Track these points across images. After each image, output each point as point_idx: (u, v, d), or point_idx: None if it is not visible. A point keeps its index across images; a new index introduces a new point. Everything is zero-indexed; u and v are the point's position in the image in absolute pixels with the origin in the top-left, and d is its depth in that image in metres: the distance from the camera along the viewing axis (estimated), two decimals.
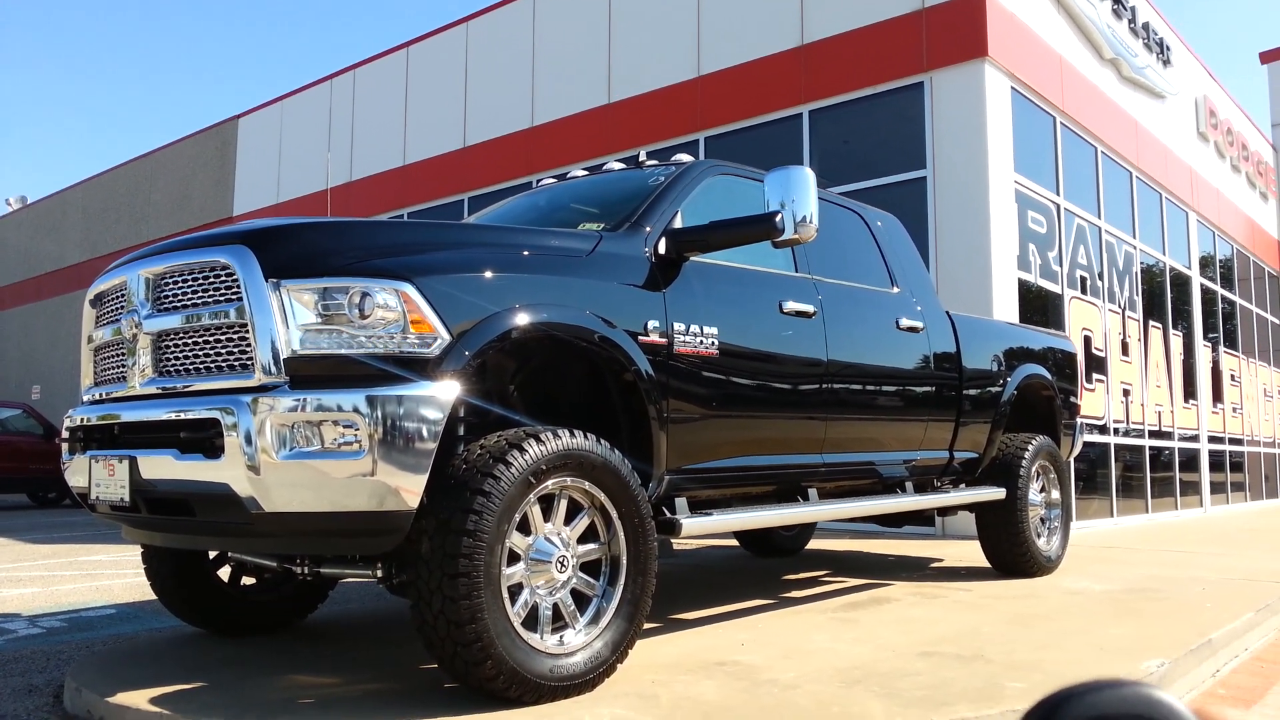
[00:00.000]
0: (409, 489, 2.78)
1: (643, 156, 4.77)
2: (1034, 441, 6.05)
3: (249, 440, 2.73)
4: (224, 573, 4.14)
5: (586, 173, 5.03)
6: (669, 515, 3.64)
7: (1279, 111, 19.22)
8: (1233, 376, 15.64)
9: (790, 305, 4.29)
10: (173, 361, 3.10)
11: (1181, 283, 13.91)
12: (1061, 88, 10.42)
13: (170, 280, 3.15)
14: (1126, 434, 11.62)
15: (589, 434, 3.14)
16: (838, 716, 2.85)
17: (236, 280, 2.92)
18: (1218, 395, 14.87)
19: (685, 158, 4.49)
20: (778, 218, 3.76)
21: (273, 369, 2.81)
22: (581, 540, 3.18)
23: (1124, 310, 11.92)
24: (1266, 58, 19.91)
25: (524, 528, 2.99)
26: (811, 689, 3.16)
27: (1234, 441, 15.35)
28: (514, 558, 2.96)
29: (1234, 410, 15.48)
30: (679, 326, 3.66)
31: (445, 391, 2.86)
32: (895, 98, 9.71)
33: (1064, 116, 10.55)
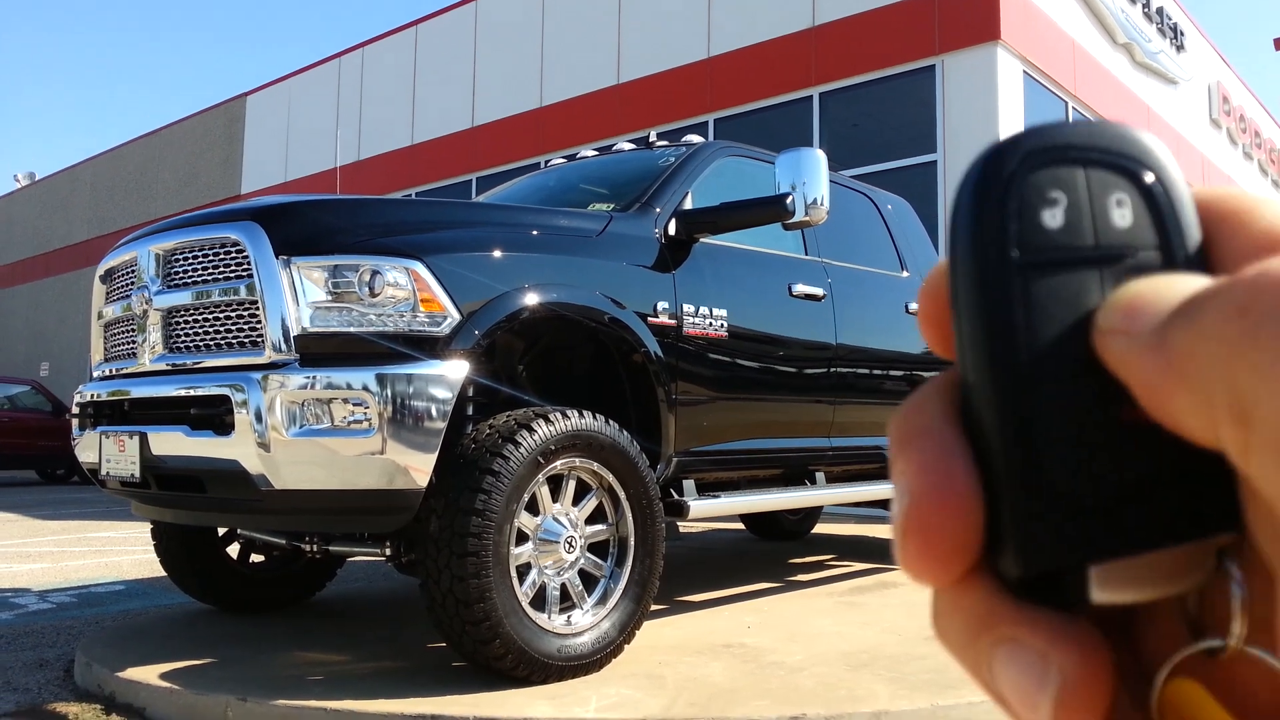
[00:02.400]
0: (418, 467, 2.79)
1: (653, 137, 4.74)
2: None
3: (259, 417, 2.73)
4: (233, 550, 4.16)
5: (596, 153, 5.00)
6: (677, 497, 3.64)
7: None
8: None
9: (800, 288, 4.28)
10: (183, 338, 3.10)
11: None
12: (1074, 72, 10.34)
13: (181, 256, 3.14)
14: None
15: (598, 415, 3.15)
16: (844, 699, 2.86)
17: (247, 257, 2.91)
18: None
19: (696, 139, 4.46)
20: (789, 200, 3.74)
21: (283, 346, 2.81)
22: (589, 521, 3.18)
23: None
24: None
25: (532, 508, 2.99)
26: (818, 671, 3.17)
27: None
28: (522, 537, 2.96)
29: None
30: (688, 308, 3.65)
31: (455, 370, 2.85)
32: (906, 81, 9.65)
33: (1076, 101, 10.46)
